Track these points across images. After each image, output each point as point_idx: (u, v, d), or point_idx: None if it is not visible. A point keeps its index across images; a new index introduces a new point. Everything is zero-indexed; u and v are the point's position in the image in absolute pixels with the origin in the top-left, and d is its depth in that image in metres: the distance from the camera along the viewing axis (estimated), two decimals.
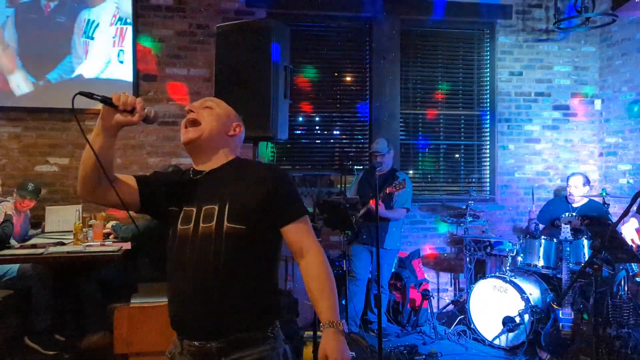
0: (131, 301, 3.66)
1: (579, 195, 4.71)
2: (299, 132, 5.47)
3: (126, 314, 3.56)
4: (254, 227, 1.61)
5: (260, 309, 1.63)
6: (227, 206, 1.62)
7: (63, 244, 3.91)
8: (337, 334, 1.56)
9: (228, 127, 1.77)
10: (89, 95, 1.55)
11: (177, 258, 1.65)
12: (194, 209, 1.65)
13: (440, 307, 5.21)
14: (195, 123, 1.71)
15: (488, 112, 5.68)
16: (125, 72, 4.89)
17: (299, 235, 1.66)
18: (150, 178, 1.79)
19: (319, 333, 3.47)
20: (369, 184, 4.55)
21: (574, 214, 4.59)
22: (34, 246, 3.83)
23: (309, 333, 3.79)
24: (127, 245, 3.91)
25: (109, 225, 4.20)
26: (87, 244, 3.91)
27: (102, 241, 4.04)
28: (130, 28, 4.88)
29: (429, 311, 4.72)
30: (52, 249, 3.71)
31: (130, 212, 1.71)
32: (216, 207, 1.62)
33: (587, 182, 4.78)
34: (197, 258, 1.60)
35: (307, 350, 3.68)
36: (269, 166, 1.76)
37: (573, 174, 4.87)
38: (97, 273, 4.04)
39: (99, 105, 1.58)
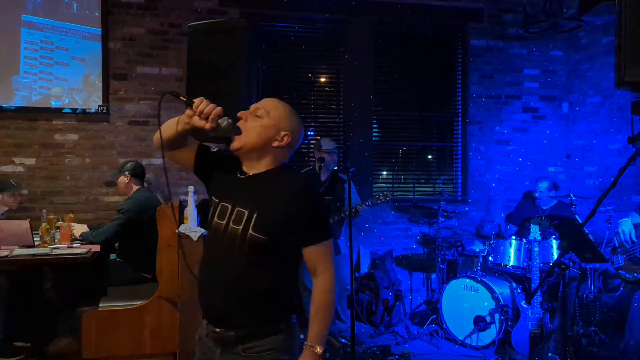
0: (100, 304, 3.59)
1: (546, 199, 4.82)
2: None
3: (95, 317, 3.49)
4: (276, 239, 1.72)
5: (275, 305, 1.76)
6: (255, 215, 1.72)
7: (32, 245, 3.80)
8: (315, 357, 1.71)
9: (274, 138, 1.79)
10: (176, 95, 1.74)
11: (209, 250, 1.84)
12: (229, 207, 1.78)
13: (413, 307, 5.25)
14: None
15: (460, 114, 5.75)
16: None
17: (317, 257, 1.77)
18: (210, 155, 1.90)
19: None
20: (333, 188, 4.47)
21: (543, 217, 4.69)
22: None
23: None
24: (96, 248, 3.83)
25: (78, 234, 4.07)
26: (54, 246, 3.80)
27: (69, 243, 3.94)
28: None
29: (402, 311, 4.75)
30: (17, 252, 3.60)
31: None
32: (246, 213, 1.74)
33: (554, 186, 4.89)
34: (223, 254, 1.76)
35: None
36: (304, 184, 1.80)
37: (541, 179, 4.97)
38: (66, 276, 3.95)
39: None
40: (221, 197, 1.82)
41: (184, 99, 1.72)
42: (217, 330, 1.76)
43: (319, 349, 1.71)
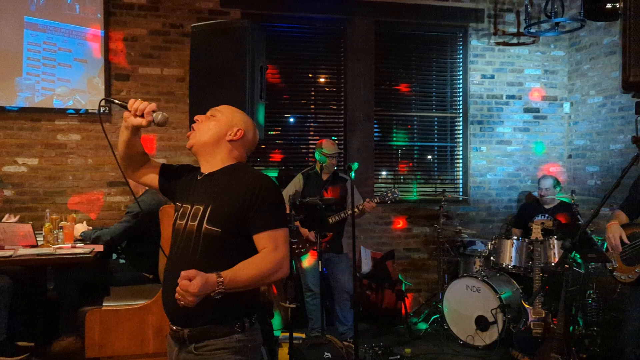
0: (103, 304, 3.60)
1: (550, 197, 4.82)
2: (274, 132, 5.45)
3: (98, 317, 3.50)
4: (230, 231, 1.75)
5: (230, 305, 1.72)
6: (209, 208, 1.77)
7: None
8: (212, 279, 1.58)
9: (226, 132, 1.88)
10: (111, 101, 1.96)
11: (170, 249, 1.89)
12: (189, 207, 1.85)
13: (415, 307, 5.26)
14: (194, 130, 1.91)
15: (461, 114, 5.76)
16: None
17: (265, 241, 1.73)
18: (172, 170, 2.03)
19: (295, 335, 3.48)
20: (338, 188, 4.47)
21: (547, 215, 4.69)
22: (0, 248, 3.71)
23: (284, 334, 3.78)
24: (99, 248, 3.84)
25: (78, 234, 4.07)
26: (57, 246, 3.81)
27: (73, 243, 3.95)
28: None
29: (404, 311, 4.75)
30: (21, 251, 3.61)
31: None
32: (201, 208, 1.79)
33: (557, 183, 4.90)
34: (181, 252, 1.81)
35: (283, 352, 3.67)
36: (258, 175, 1.84)
37: (543, 177, 4.98)
38: (69, 275, 3.95)
39: None
40: (182, 201, 1.90)
41: (119, 102, 1.88)
42: (174, 327, 1.81)
43: (221, 279, 1.59)
